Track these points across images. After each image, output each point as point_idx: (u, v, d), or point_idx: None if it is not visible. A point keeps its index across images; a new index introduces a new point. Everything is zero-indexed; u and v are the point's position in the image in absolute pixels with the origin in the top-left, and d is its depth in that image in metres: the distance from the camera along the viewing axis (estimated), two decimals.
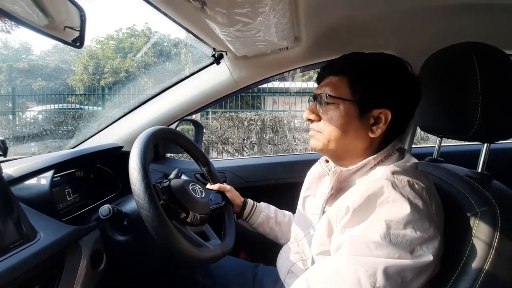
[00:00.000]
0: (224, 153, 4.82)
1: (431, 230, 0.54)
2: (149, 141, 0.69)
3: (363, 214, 0.56)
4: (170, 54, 9.86)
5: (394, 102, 0.64)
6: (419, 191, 0.57)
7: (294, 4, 0.68)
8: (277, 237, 0.96)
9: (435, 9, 0.88)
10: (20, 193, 0.68)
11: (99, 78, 9.58)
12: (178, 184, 0.75)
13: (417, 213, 0.54)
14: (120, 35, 11.35)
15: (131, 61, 9.43)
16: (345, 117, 0.65)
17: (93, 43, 11.18)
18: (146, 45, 9.78)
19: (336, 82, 0.66)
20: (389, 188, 0.56)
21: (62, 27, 0.67)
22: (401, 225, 0.53)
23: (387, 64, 0.66)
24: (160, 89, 1.17)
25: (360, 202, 0.57)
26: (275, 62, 1.07)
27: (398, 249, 0.52)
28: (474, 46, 0.61)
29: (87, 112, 5.41)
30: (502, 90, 0.60)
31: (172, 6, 0.63)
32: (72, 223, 0.73)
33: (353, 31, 0.96)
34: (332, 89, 0.66)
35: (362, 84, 0.64)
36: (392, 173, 0.59)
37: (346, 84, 0.65)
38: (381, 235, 0.52)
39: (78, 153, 0.88)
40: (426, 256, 0.52)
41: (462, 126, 0.63)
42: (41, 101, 6.17)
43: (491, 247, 0.54)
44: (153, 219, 0.59)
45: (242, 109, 5.42)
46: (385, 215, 0.54)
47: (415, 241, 0.53)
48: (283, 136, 4.70)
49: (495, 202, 0.57)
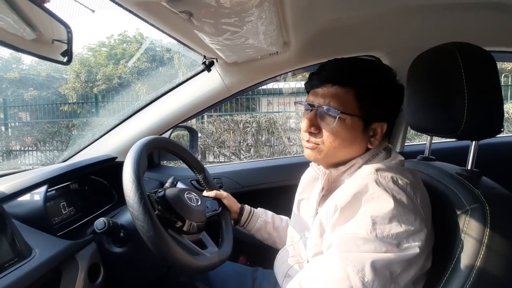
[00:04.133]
0: (221, 157, 4.82)
1: (417, 223, 0.55)
2: (142, 152, 0.69)
3: (351, 212, 0.58)
4: (163, 58, 9.83)
5: (391, 115, 0.67)
6: (403, 186, 0.59)
7: (281, 11, 0.69)
8: (275, 242, 0.96)
9: (421, 9, 0.90)
10: (13, 210, 0.68)
11: (92, 85, 9.50)
12: (173, 193, 0.75)
13: (401, 207, 0.56)
14: (111, 41, 11.28)
15: (124, 67, 9.37)
16: (350, 130, 0.64)
17: (84, 50, 11.09)
18: (138, 51, 9.73)
19: (342, 95, 0.64)
20: (373, 185, 0.58)
21: (50, 40, 0.68)
22: (386, 220, 0.55)
23: (388, 79, 0.67)
24: (152, 98, 1.17)
25: (347, 200, 0.58)
26: (266, 67, 1.07)
27: (384, 243, 0.54)
28: (459, 47, 0.63)
29: (80, 121, 5.36)
30: (488, 89, 0.62)
31: (159, 18, 0.63)
32: (68, 237, 0.73)
33: (341, 33, 0.97)
34: (339, 103, 0.63)
35: (369, 99, 0.64)
36: (376, 171, 0.61)
37: (353, 97, 0.63)
38: (367, 230, 0.54)
39: (71, 167, 0.88)
40: (413, 249, 0.54)
41: (450, 125, 0.64)
42: (33, 111, 6.11)
43: (481, 244, 0.55)
44: (148, 230, 0.59)
45: (237, 112, 5.43)
46: (371, 211, 0.56)
47: (401, 234, 0.54)
48: (279, 138, 4.71)
49: (484, 199, 0.58)
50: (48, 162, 5.06)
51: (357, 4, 0.84)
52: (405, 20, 0.94)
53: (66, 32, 0.55)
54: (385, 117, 0.66)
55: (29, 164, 5.18)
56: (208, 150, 4.82)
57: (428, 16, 0.92)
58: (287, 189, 1.01)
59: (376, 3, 0.84)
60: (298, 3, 0.72)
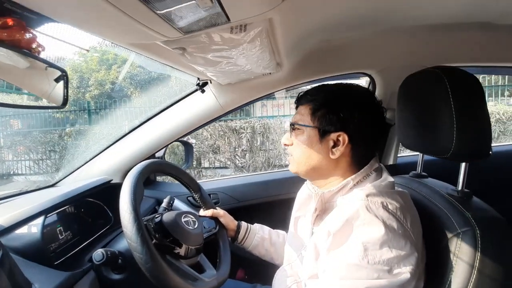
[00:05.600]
0: (216, 162, 4.81)
1: (407, 247, 0.57)
2: (139, 179, 0.70)
3: (343, 237, 0.60)
4: (155, 62, 9.74)
5: (349, 126, 0.69)
6: (393, 211, 0.60)
7: (273, 39, 0.70)
8: (273, 258, 0.97)
9: (409, 30, 0.92)
10: (11, 243, 0.68)
11: (84, 91, 9.38)
12: (170, 219, 0.75)
13: (392, 233, 0.57)
14: (103, 47, 11.14)
15: (116, 72, 9.28)
16: (307, 141, 0.72)
17: (76, 56, 10.94)
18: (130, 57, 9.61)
19: (302, 111, 0.74)
20: (363, 211, 0.60)
21: (44, 67, 0.68)
22: (377, 246, 0.56)
23: (345, 92, 0.73)
24: (147, 117, 1.17)
25: (339, 226, 0.60)
26: (259, 86, 1.09)
27: (376, 269, 0.56)
28: (446, 72, 0.64)
29: (73, 130, 5.29)
30: (475, 113, 0.64)
31: (154, 53, 0.64)
32: (66, 264, 0.73)
33: (332, 53, 0.99)
34: (299, 118, 0.74)
35: (322, 111, 0.71)
36: (366, 196, 0.62)
37: (309, 112, 0.72)
38: (359, 257, 0.56)
39: (68, 195, 0.88)
40: (404, 274, 0.56)
41: (441, 147, 0.66)
42: (25, 119, 6.01)
43: (473, 267, 0.57)
44: (146, 261, 0.60)
45: (231, 116, 5.42)
46: (362, 238, 0.58)
47: (392, 260, 0.56)
48: (274, 142, 4.73)
49: (475, 222, 0.60)
50: (41, 172, 4.99)
51: (347, 27, 0.86)
52: (395, 40, 0.96)
53: (62, 76, 0.56)
54: (343, 128, 0.69)
55: (21, 174, 5.09)
56: (203, 156, 4.81)
57: (417, 36, 0.95)
58: (283, 203, 1.02)
59: (365, 25, 0.86)
60: (290, 30, 0.73)
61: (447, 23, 0.89)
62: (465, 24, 0.90)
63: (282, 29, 0.67)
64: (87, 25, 0.50)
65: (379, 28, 0.89)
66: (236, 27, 0.54)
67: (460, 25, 0.90)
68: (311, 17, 0.74)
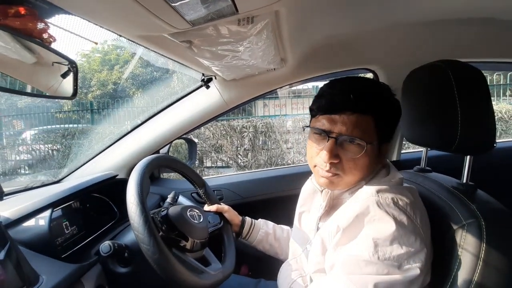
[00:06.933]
0: (218, 162, 4.82)
1: (417, 244, 0.57)
2: (145, 173, 0.70)
3: (353, 233, 0.60)
4: (157, 61, 9.76)
5: (393, 135, 0.70)
6: (403, 207, 0.60)
7: (279, 33, 0.71)
8: (277, 253, 0.98)
9: (413, 25, 0.92)
10: (18, 236, 0.68)
11: (86, 91, 9.41)
12: (176, 212, 0.76)
13: (402, 229, 0.57)
14: (105, 47, 11.18)
15: (118, 73, 9.30)
16: (369, 157, 0.65)
17: (78, 56, 10.98)
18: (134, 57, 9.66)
19: (363, 123, 0.63)
20: (374, 207, 0.59)
21: (50, 63, 0.69)
22: (388, 242, 0.56)
23: (396, 104, 0.68)
24: (151, 114, 1.18)
25: (349, 221, 0.60)
26: (264, 82, 1.09)
27: (386, 265, 0.55)
28: (450, 65, 0.65)
29: (76, 129, 5.31)
30: (480, 106, 0.64)
31: (160, 46, 0.65)
32: (72, 258, 0.73)
33: (337, 49, 1.00)
34: (362, 132, 0.62)
35: (383, 124, 0.65)
36: (377, 192, 0.62)
37: (372, 125, 0.63)
38: (369, 253, 0.56)
39: (74, 189, 0.88)
40: (414, 270, 0.56)
41: (445, 141, 0.66)
42: (28, 119, 6.03)
43: (478, 258, 0.57)
44: (154, 253, 0.61)
45: (233, 115, 5.42)
46: (373, 233, 0.58)
47: (402, 256, 0.56)
48: (276, 141, 4.73)
49: (480, 214, 0.61)
50: (45, 171, 5.01)
51: (351, 22, 0.86)
52: (399, 35, 0.97)
53: (72, 67, 0.56)
54: (391, 137, 0.69)
55: (26, 174, 5.12)
56: (205, 155, 4.82)
57: (421, 31, 0.95)
58: (287, 199, 1.03)
59: (369, 21, 0.87)
60: (295, 24, 0.73)
61: (450, 18, 0.89)
62: (468, 19, 0.90)
63: (288, 23, 0.67)
64: (99, 16, 0.50)
65: (384, 23, 0.89)
66: (244, 19, 0.54)
67: (463, 20, 0.90)
68: (316, 11, 0.74)
